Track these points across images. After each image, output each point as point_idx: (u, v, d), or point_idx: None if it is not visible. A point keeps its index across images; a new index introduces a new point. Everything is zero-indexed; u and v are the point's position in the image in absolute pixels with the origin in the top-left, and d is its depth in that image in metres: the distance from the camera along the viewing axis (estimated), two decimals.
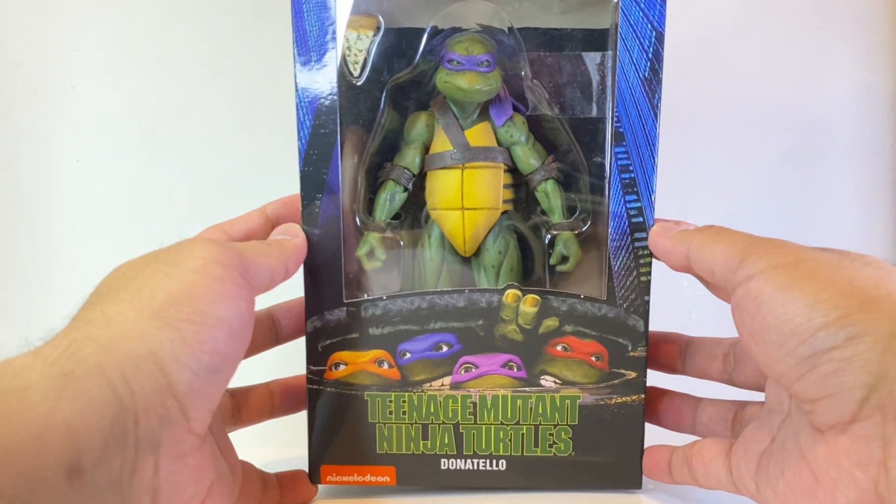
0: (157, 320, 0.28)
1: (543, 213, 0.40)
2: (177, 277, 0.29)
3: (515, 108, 0.39)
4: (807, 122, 0.54)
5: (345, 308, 0.38)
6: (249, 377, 0.41)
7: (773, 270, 0.29)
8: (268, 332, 0.41)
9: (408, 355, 0.38)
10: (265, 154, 0.53)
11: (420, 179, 0.40)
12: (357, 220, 0.39)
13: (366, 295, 0.38)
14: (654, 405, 0.40)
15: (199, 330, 0.29)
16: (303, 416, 0.41)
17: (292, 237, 0.37)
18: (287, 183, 0.39)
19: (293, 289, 0.40)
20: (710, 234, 0.34)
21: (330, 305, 0.38)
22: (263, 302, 0.41)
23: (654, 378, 0.40)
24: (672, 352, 0.40)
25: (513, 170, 0.40)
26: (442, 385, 0.38)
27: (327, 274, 0.38)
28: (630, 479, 0.39)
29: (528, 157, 0.39)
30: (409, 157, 0.39)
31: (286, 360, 0.42)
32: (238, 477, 0.36)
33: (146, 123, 0.53)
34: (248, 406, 0.40)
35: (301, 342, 0.41)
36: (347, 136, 0.37)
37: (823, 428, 0.29)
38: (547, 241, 0.40)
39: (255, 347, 0.40)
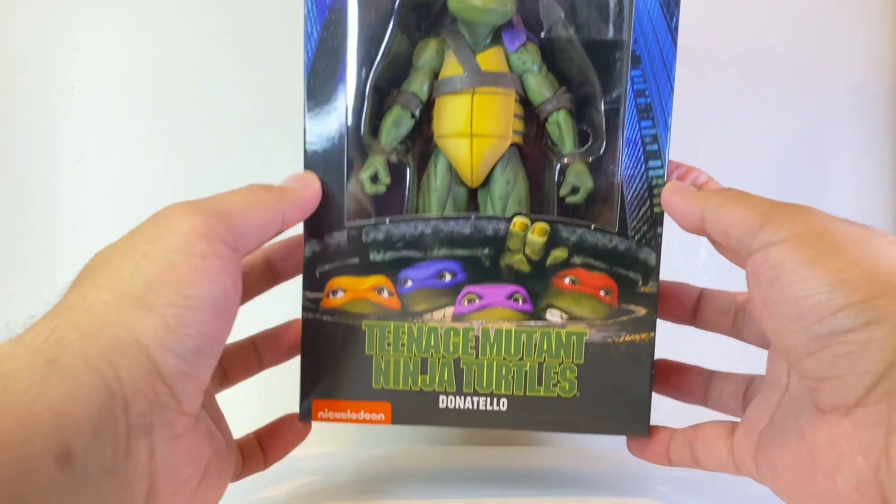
0: (139, 308, 0.27)
1: (554, 145, 0.39)
2: (156, 258, 0.28)
3: (529, 39, 0.38)
4: (807, 122, 0.54)
5: (346, 231, 0.36)
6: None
7: (797, 240, 0.28)
8: (263, 275, 0.39)
9: (409, 283, 0.37)
10: (267, 153, 0.53)
11: (426, 110, 0.39)
12: (362, 139, 0.38)
13: (368, 219, 0.37)
14: (666, 376, 0.39)
15: (182, 314, 0.28)
16: (287, 372, 0.39)
17: (302, 187, 0.35)
18: None
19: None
20: (728, 196, 0.32)
21: (330, 227, 0.36)
22: None
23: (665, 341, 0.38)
24: (685, 303, 0.39)
25: (524, 102, 0.39)
26: (444, 316, 0.37)
27: (329, 195, 0.36)
28: (636, 425, 0.37)
29: (541, 87, 0.38)
30: (418, 83, 0.38)
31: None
32: (233, 448, 0.35)
33: (146, 123, 0.53)
34: (233, 365, 0.39)
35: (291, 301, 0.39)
36: (355, 50, 0.36)
37: (826, 408, 0.28)
38: (557, 173, 0.38)
39: (249, 293, 0.39)
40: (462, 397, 0.37)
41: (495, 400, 0.37)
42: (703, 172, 0.38)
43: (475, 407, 0.37)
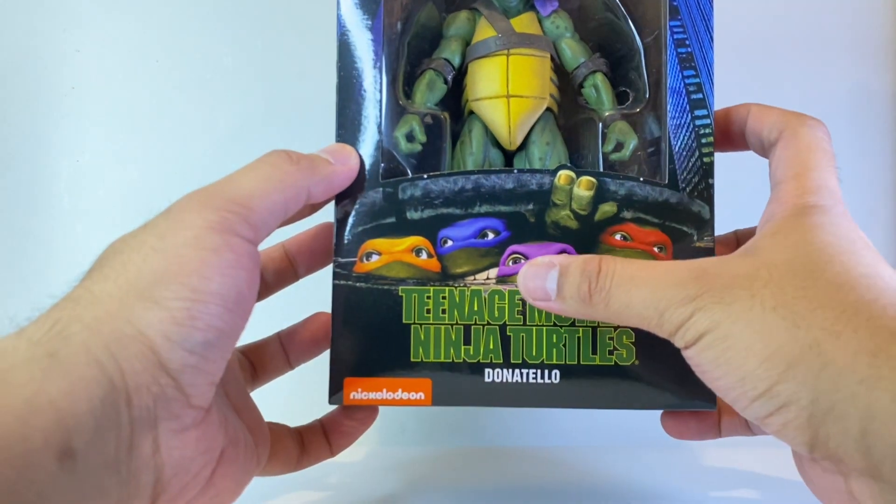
0: (144, 300, 0.26)
1: (592, 110, 0.38)
2: (166, 252, 0.27)
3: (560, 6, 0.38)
4: None
5: (381, 189, 0.34)
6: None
7: (704, 339, 0.28)
8: (283, 271, 0.37)
9: (449, 243, 0.34)
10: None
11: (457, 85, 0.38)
12: (397, 98, 0.36)
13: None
14: None
15: (190, 307, 0.26)
16: None
17: (337, 162, 0.33)
18: None
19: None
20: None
21: (364, 187, 0.34)
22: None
23: None
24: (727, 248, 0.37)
25: (557, 71, 0.38)
26: (487, 278, 0.34)
27: (363, 151, 0.34)
28: (702, 397, 0.34)
29: (575, 52, 0.37)
30: (449, 50, 0.37)
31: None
32: (263, 439, 0.33)
33: (146, 123, 0.53)
34: (262, 362, 0.37)
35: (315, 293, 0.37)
36: (390, 2, 0.35)
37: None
38: (600, 133, 0.37)
39: (270, 289, 0.37)
40: (510, 369, 0.34)
41: (546, 371, 0.34)
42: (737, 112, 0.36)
43: (524, 380, 0.34)
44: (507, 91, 0.36)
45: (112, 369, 0.25)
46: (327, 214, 0.36)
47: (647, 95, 0.36)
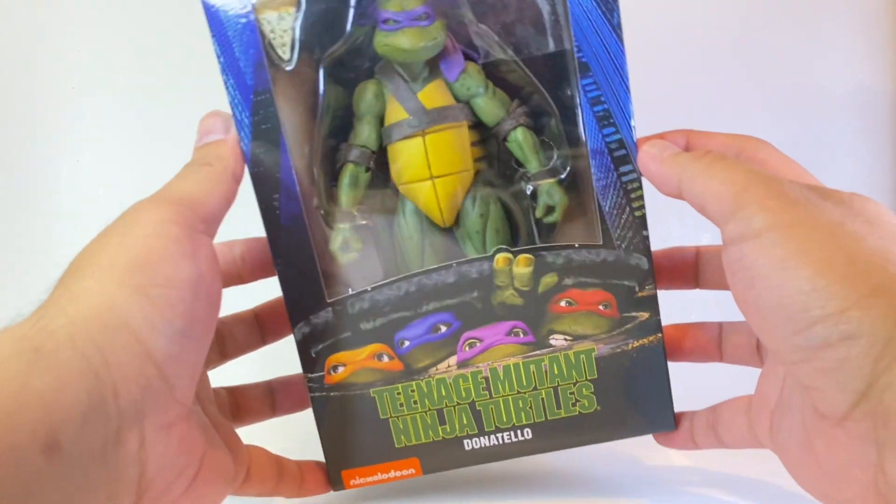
0: (124, 287, 0.27)
1: (519, 163, 0.37)
2: (132, 244, 0.28)
3: (468, 57, 0.36)
4: (806, 123, 0.53)
5: (329, 308, 0.35)
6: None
7: (770, 235, 0.26)
8: (252, 333, 0.39)
9: (406, 343, 0.36)
10: None
11: (382, 154, 0.37)
12: (321, 213, 0.36)
13: (349, 290, 0.36)
14: (677, 342, 0.38)
15: (168, 294, 0.27)
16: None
17: (227, 155, 0.33)
18: None
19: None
20: (705, 164, 0.30)
21: (314, 308, 0.35)
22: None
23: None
24: (683, 268, 0.38)
25: (478, 124, 0.37)
26: (448, 366, 0.36)
27: (303, 276, 0.35)
28: (662, 422, 0.37)
29: (492, 108, 0.36)
30: (365, 134, 0.36)
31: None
32: (240, 457, 0.34)
33: (146, 123, 0.52)
34: (246, 403, 0.39)
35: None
36: (292, 127, 0.34)
37: (821, 413, 0.27)
38: (529, 194, 0.37)
39: (239, 350, 0.39)
40: (486, 436, 0.37)
41: (519, 431, 0.37)
42: (682, 136, 0.34)
43: (500, 442, 0.37)
44: (430, 173, 0.35)
45: (98, 362, 0.25)
46: None
47: (567, 166, 0.35)
